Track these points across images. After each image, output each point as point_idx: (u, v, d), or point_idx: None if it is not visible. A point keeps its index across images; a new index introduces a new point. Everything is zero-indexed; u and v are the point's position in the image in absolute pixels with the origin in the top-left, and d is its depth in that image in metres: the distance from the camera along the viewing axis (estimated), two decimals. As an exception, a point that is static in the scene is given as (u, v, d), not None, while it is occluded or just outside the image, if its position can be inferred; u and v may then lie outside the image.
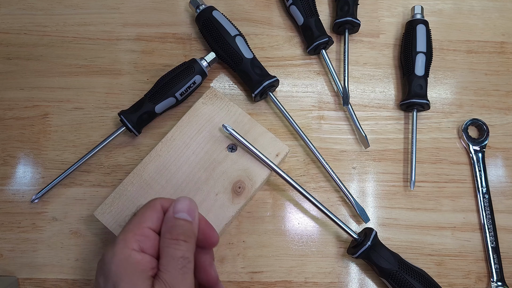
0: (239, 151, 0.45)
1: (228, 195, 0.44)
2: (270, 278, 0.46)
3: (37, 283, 0.45)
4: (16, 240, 0.46)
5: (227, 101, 0.47)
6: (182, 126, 0.46)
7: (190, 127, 0.46)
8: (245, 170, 0.45)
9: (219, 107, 0.47)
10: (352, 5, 0.52)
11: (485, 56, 0.55)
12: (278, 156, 0.45)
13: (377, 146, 0.51)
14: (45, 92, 0.51)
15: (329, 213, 0.44)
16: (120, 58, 0.52)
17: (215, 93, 0.47)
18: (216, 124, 0.46)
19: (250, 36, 0.53)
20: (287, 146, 0.46)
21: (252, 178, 0.44)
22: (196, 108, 0.47)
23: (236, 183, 0.44)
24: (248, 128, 0.46)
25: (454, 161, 0.51)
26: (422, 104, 0.49)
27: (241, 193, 0.44)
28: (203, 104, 0.47)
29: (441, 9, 0.56)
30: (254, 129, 0.46)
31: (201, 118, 0.46)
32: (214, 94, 0.47)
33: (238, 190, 0.44)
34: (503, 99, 0.53)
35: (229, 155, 0.45)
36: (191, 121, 0.46)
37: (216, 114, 0.46)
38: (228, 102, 0.47)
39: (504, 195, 0.50)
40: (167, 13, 0.54)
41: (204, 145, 0.45)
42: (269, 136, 0.46)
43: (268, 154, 0.45)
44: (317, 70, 0.53)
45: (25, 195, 0.47)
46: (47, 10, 0.54)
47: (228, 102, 0.47)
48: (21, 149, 0.49)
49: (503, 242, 0.48)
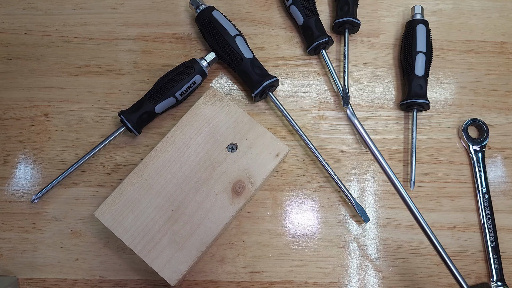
0: (239, 151, 0.45)
1: (228, 195, 0.44)
2: (270, 278, 0.46)
3: (37, 283, 0.45)
4: (16, 240, 0.46)
5: (227, 101, 0.47)
6: (182, 126, 0.46)
7: (190, 127, 0.46)
8: (245, 170, 0.45)
9: (219, 107, 0.47)
10: (352, 5, 0.52)
11: (485, 56, 0.55)
12: (278, 156, 0.45)
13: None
14: (45, 92, 0.51)
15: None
16: (120, 58, 0.52)
17: (215, 93, 0.47)
18: (216, 124, 0.46)
19: (250, 36, 0.53)
20: (287, 146, 0.46)
21: (252, 178, 0.44)
22: (196, 108, 0.47)
23: (236, 183, 0.44)
24: (248, 128, 0.46)
25: (454, 161, 0.51)
26: (422, 104, 0.49)
27: (241, 193, 0.44)
28: (203, 104, 0.47)
29: (441, 9, 0.56)
30: (254, 129, 0.46)
31: (201, 118, 0.46)
32: (214, 94, 0.47)
33: (238, 190, 0.44)
34: (503, 99, 0.53)
35: (229, 155, 0.45)
36: (191, 121, 0.46)
37: (216, 114, 0.46)
38: (228, 102, 0.47)
39: (504, 195, 0.50)
40: (167, 13, 0.54)
41: (204, 145, 0.45)
42: (269, 136, 0.46)
43: (268, 154, 0.45)
44: (317, 70, 0.53)
45: (25, 195, 0.47)
46: (47, 10, 0.54)
47: (228, 102, 0.47)
48: (21, 149, 0.49)
49: (503, 242, 0.48)
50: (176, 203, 0.43)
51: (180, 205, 0.43)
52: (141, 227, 0.42)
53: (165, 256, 0.41)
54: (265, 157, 0.45)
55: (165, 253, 0.41)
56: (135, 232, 0.42)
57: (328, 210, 0.48)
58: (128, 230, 0.42)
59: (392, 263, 0.47)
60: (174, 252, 0.41)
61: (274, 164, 0.45)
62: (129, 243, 0.42)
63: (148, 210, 0.43)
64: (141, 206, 0.43)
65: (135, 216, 0.42)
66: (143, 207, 0.43)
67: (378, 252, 0.47)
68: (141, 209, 0.43)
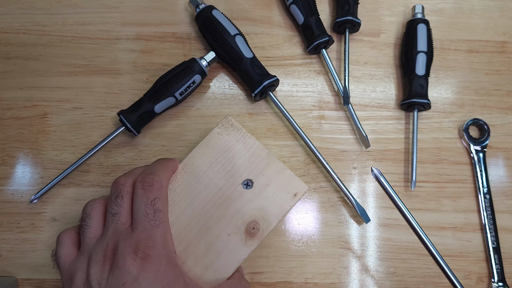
0: (254, 188, 0.41)
1: (241, 236, 0.40)
2: (270, 278, 0.46)
3: (36, 283, 0.45)
4: (15, 241, 0.46)
5: (245, 132, 0.43)
6: (194, 158, 0.42)
7: (203, 159, 0.42)
8: (260, 209, 0.41)
9: (236, 138, 0.43)
10: (353, 4, 0.52)
11: (486, 56, 0.54)
12: (296, 196, 0.41)
13: (377, 146, 0.50)
14: (44, 92, 0.50)
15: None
16: (120, 57, 0.52)
17: (232, 122, 0.43)
18: (232, 157, 0.42)
19: (250, 35, 0.53)
20: (306, 185, 0.42)
21: (268, 219, 0.40)
22: (211, 139, 0.42)
23: (250, 223, 0.40)
24: (265, 163, 0.42)
25: (455, 161, 0.50)
26: (423, 103, 0.49)
27: (255, 235, 0.40)
28: (218, 134, 0.43)
29: (442, 9, 0.56)
30: (272, 164, 0.42)
31: (215, 149, 0.42)
32: (230, 124, 0.43)
33: (252, 231, 0.40)
34: (504, 98, 0.53)
35: (244, 192, 0.41)
36: (204, 152, 0.42)
37: (232, 146, 0.42)
38: (245, 134, 0.43)
39: (505, 195, 0.49)
40: (166, 12, 0.54)
41: (217, 181, 0.41)
42: (288, 173, 0.42)
43: (285, 193, 0.41)
44: (317, 70, 0.53)
45: (24, 195, 0.47)
46: (46, 9, 0.53)
47: (245, 134, 0.43)
48: (20, 149, 0.49)
49: (504, 243, 0.48)
50: (184, 243, 0.39)
51: (189, 246, 0.39)
52: None
53: None
54: (283, 196, 0.41)
55: None
56: None
57: (328, 210, 0.48)
58: None
59: (393, 264, 0.47)
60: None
61: (291, 205, 0.41)
62: None
63: None
64: None
65: None
66: None
67: (378, 252, 0.47)
68: None
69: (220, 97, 0.51)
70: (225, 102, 0.51)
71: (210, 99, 0.51)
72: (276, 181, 0.41)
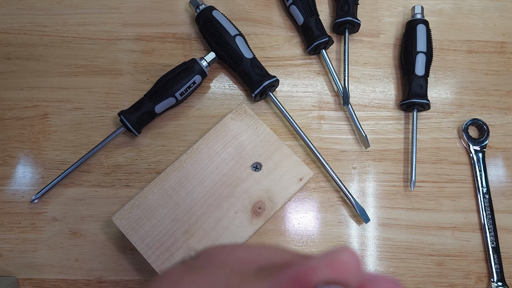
0: (263, 171, 0.44)
1: (247, 214, 0.43)
2: (270, 278, 0.46)
3: (37, 283, 0.45)
4: (15, 240, 0.46)
5: (257, 119, 0.46)
6: (209, 140, 0.45)
7: (216, 141, 0.45)
8: (267, 191, 0.44)
9: (248, 124, 0.46)
10: (352, 5, 0.52)
11: (485, 56, 0.54)
12: (301, 180, 0.44)
13: (377, 146, 0.51)
14: (44, 92, 0.50)
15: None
16: (120, 58, 0.52)
17: (245, 109, 0.47)
18: (243, 141, 0.45)
19: (250, 36, 0.53)
20: (312, 171, 0.45)
21: (273, 200, 0.43)
22: (225, 123, 0.46)
23: (256, 203, 0.43)
24: (274, 148, 0.45)
25: (454, 161, 0.50)
26: (423, 104, 0.49)
27: (261, 214, 0.43)
28: (232, 120, 0.46)
29: (441, 9, 0.56)
30: (280, 150, 0.45)
31: (228, 133, 0.45)
32: (243, 111, 0.46)
33: (258, 210, 0.43)
34: (503, 99, 0.53)
35: (253, 174, 0.44)
36: (218, 135, 0.45)
37: (244, 131, 0.46)
38: (257, 120, 0.46)
39: (505, 195, 0.50)
40: (167, 13, 0.54)
41: (228, 161, 0.44)
42: (295, 159, 0.45)
43: (291, 177, 0.44)
44: (317, 70, 0.53)
45: (25, 195, 0.47)
46: (47, 10, 0.53)
47: (257, 120, 0.46)
48: (20, 149, 0.49)
49: (503, 242, 0.48)
50: (194, 217, 0.42)
51: (198, 220, 0.42)
52: (157, 237, 0.41)
53: None
54: (289, 180, 0.44)
55: None
56: (150, 242, 0.41)
57: (328, 210, 0.48)
58: (144, 239, 0.41)
59: (392, 263, 0.47)
60: None
61: (297, 188, 0.44)
62: (143, 252, 0.41)
63: (165, 221, 0.42)
64: (159, 216, 0.42)
65: (152, 226, 0.42)
66: (161, 217, 0.42)
67: (378, 252, 0.47)
68: (159, 219, 0.42)
69: (220, 97, 0.51)
70: (225, 102, 0.51)
71: (210, 100, 0.51)
72: (284, 165, 0.45)
